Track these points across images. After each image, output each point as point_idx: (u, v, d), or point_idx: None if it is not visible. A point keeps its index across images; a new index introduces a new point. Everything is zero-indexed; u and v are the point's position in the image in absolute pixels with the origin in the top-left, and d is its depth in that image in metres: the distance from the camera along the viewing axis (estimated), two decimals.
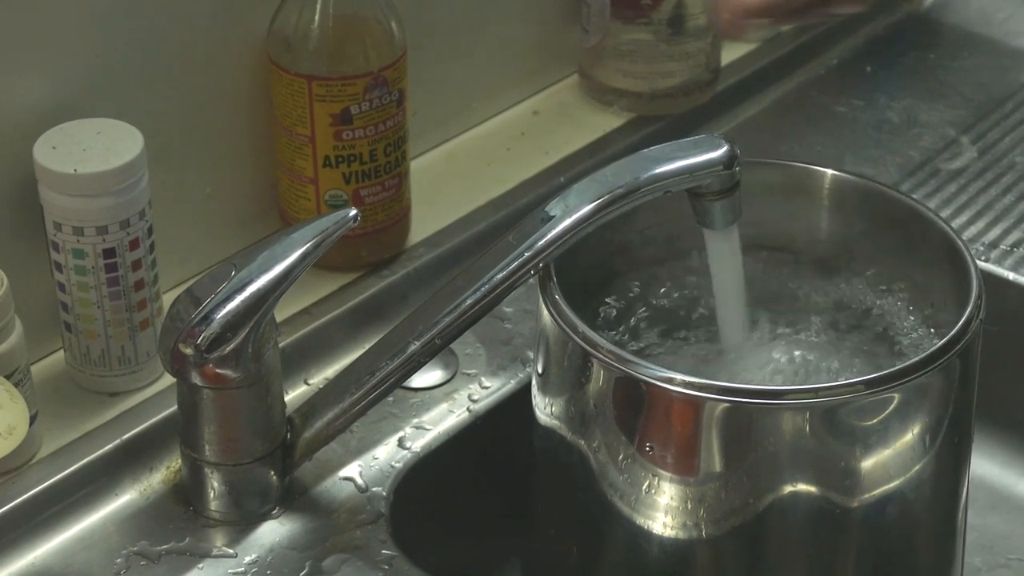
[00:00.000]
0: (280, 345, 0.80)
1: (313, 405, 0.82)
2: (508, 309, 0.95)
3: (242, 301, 0.76)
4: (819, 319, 0.86)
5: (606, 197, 0.77)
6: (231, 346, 0.76)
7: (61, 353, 0.88)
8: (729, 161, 0.77)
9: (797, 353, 0.88)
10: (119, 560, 0.80)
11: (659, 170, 0.77)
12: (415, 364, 0.79)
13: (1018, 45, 1.21)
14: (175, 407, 0.82)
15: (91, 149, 0.82)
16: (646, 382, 0.73)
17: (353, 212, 0.78)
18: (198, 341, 0.76)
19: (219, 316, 0.76)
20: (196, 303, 0.76)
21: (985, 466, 1.01)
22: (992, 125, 1.14)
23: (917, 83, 1.17)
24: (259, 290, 0.76)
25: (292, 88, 0.91)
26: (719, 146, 0.77)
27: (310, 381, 0.90)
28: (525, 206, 0.98)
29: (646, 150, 0.78)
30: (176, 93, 0.90)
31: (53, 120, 0.84)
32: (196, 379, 0.77)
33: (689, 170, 0.77)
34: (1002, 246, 1.03)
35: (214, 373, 0.77)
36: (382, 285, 0.94)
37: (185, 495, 0.82)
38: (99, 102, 0.86)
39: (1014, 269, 1.01)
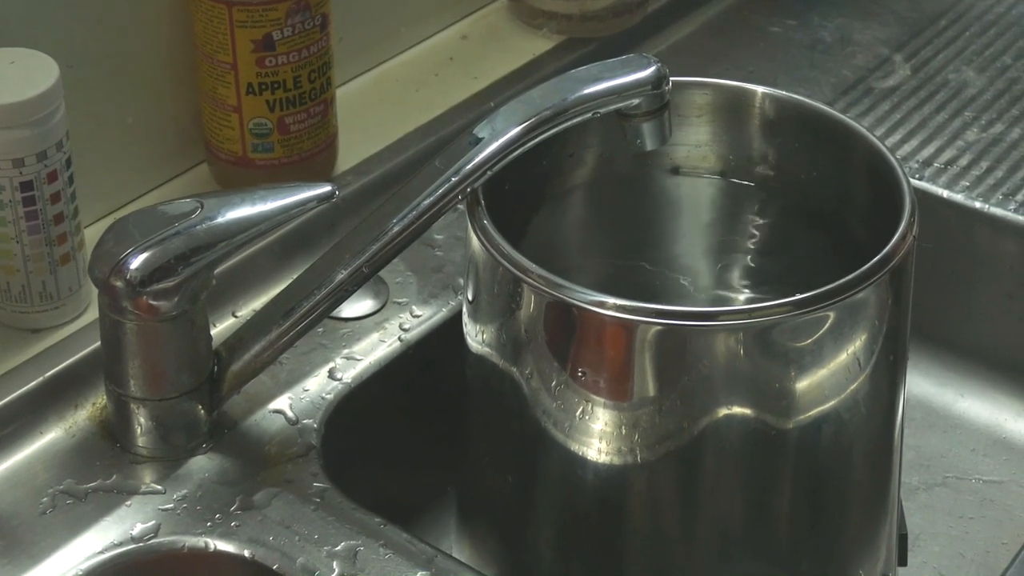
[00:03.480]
0: None
1: (240, 337, 0.81)
2: (439, 236, 0.94)
3: (200, 239, 0.75)
4: (752, 238, 0.85)
5: (534, 119, 0.75)
6: (173, 282, 0.75)
7: None
8: (658, 81, 0.76)
9: (732, 274, 0.87)
10: (44, 499, 0.78)
11: (587, 91, 0.76)
12: (343, 293, 0.78)
13: None
14: (100, 342, 0.80)
15: (4, 79, 0.80)
16: (577, 307, 0.72)
17: (330, 188, 0.78)
18: (141, 265, 0.74)
19: (173, 246, 0.75)
20: (154, 225, 0.75)
21: (922, 385, 1.01)
22: (925, 43, 1.13)
23: (850, 2, 1.17)
24: (221, 233, 0.75)
25: (212, 14, 0.89)
26: (648, 65, 0.76)
27: (238, 313, 0.89)
28: (454, 132, 0.97)
29: (574, 71, 0.77)
30: (93, 20, 0.88)
31: None
32: (125, 303, 0.76)
33: (617, 90, 0.76)
34: (936, 164, 1.02)
35: (146, 304, 0.75)
36: (310, 214, 0.93)
37: (111, 432, 0.81)
38: (12, 31, 0.84)
39: (948, 187, 1.00)
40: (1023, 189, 1.00)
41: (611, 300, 0.72)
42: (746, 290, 0.87)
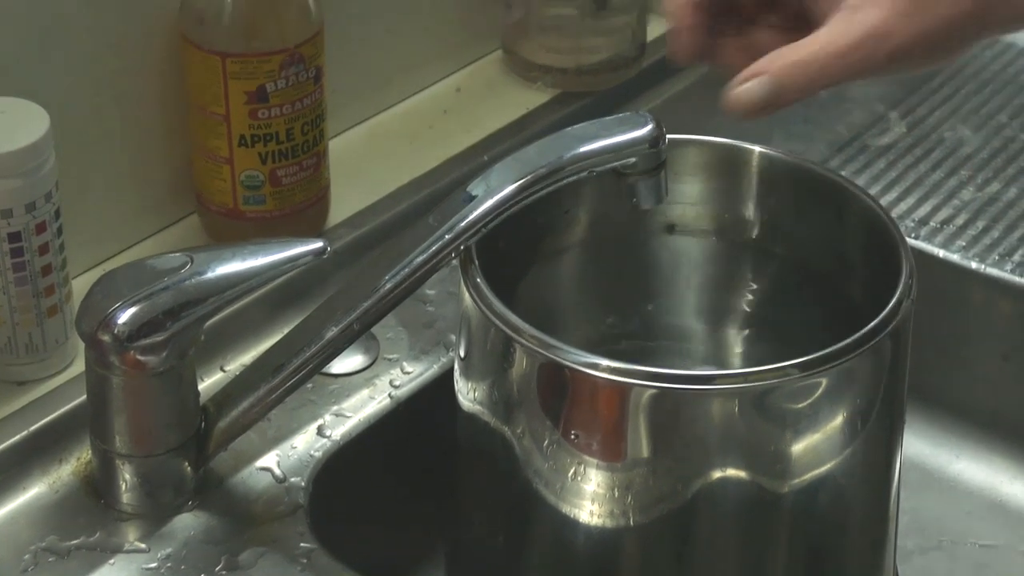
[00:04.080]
0: None
1: (228, 393, 0.80)
2: (431, 291, 0.93)
3: (189, 294, 0.74)
4: (748, 298, 0.84)
5: (529, 177, 0.74)
6: (161, 337, 0.74)
7: None
8: (655, 139, 0.75)
9: (727, 334, 0.87)
10: (27, 556, 0.77)
11: (583, 149, 0.75)
12: (333, 350, 0.77)
13: None
14: (85, 396, 0.79)
15: None
16: (570, 368, 0.71)
17: (322, 244, 0.77)
18: (129, 320, 0.73)
19: (162, 301, 0.74)
20: (142, 280, 0.75)
21: (917, 446, 1.00)
22: (921, 100, 1.12)
23: None
24: (211, 288, 0.75)
25: (206, 65, 0.88)
26: (644, 124, 0.75)
27: (226, 368, 0.88)
28: (448, 185, 0.96)
29: (570, 128, 0.76)
30: (85, 70, 0.87)
31: None
32: (112, 358, 0.75)
33: (614, 149, 0.75)
34: (932, 223, 1.01)
35: (133, 359, 0.75)
36: (302, 267, 0.92)
37: (96, 488, 0.80)
38: (2, 80, 0.83)
39: (943, 246, 1.00)
40: (1019, 249, 0.99)
41: (605, 362, 0.71)
42: (741, 351, 0.86)
